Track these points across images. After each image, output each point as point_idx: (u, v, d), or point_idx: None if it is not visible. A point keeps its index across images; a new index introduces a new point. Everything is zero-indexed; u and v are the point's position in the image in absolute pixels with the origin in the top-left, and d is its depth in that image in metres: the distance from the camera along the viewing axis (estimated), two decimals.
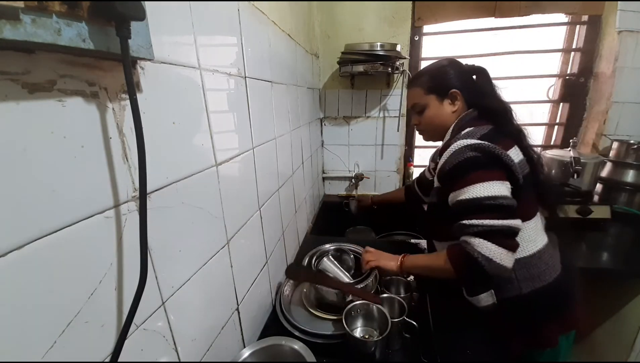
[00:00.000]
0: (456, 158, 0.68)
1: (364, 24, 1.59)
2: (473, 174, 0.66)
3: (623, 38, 1.41)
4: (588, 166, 1.33)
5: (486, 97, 0.79)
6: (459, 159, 0.68)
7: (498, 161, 0.67)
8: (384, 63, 1.40)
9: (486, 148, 0.66)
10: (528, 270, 0.71)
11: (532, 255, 0.71)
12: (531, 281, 0.71)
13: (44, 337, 0.28)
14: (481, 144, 0.67)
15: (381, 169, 1.83)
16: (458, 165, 0.68)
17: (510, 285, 0.71)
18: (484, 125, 0.74)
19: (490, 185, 0.65)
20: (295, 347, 0.64)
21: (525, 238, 0.71)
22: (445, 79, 0.83)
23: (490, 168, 0.67)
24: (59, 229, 0.29)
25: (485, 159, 0.67)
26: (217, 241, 0.59)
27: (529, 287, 0.71)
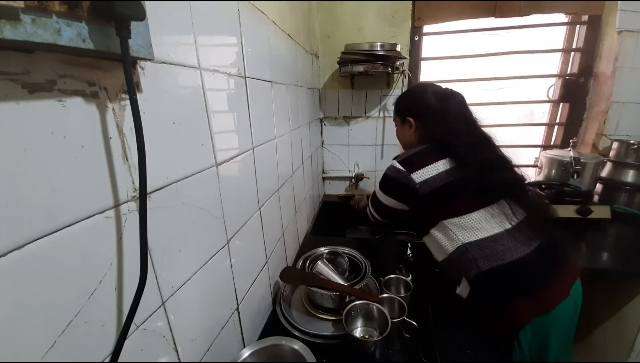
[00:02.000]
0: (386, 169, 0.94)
1: (364, 24, 1.59)
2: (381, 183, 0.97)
3: (623, 38, 1.41)
4: (588, 166, 1.33)
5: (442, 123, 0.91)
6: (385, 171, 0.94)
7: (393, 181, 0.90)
8: (384, 63, 1.40)
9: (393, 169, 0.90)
10: (482, 251, 0.78)
11: (483, 239, 0.79)
12: (487, 260, 0.77)
13: (44, 337, 0.28)
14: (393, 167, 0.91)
15: (381, 169, 1.80)
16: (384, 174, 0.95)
17: (469, 264, 0.79)
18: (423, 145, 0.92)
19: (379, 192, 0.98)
20: (295, 347, 0.64)
21: (468, 226, 0.81)
22: (406, 105, 1.02)
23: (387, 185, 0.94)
24: (59, 229, 0.29)
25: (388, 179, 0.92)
26: (217, 241, 0.59)
27: (486, 265, 0.77)
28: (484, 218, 0.82)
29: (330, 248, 1.04)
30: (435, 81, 1.70)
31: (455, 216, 0.82)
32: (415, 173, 0.86)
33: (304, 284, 0.86)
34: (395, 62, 1.46)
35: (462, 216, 0.82)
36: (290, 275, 0.88)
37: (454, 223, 0.82)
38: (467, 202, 0.84)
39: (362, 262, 0.97)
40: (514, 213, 0.83)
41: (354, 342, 0.71)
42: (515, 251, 0.78)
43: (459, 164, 0.84)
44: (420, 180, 0.85)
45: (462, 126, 0.90)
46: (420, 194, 0.84)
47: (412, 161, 0.88)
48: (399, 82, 1.65)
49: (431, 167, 0.85)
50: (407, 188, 0.86)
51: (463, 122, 0.91)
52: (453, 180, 0.83)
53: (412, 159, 0.88)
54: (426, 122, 0.96)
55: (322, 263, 0.91)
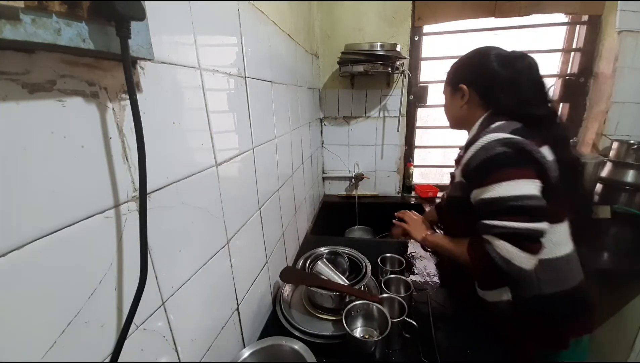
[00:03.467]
0: (485, 153, 0.65)
1: (364, 24, 1.59)
2: (501, 172, 0.63)
3: (623, 38, 1.41)
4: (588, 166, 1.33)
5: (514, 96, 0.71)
6: (487, 155, 0.64)
7: (529, 157, 0.63)
8: (384, 63, 1.40)
9: (518, 142, 0.63)
10: (551, 273, 0.69)
11: (559, 258, 0.69)
12: (553, 284, 0.69)
13: (44, 337, 0.28)
14: (512, 139, 0.63)
15: (381, 169, 1.83)
16: (486, 161, 0.65)
17: (530, 284, 0.69)
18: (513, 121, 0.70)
19: (517, 184, 0.62)
20: (295, 347, 0.64)
21: (553, 240, 0.68)
22: (459, 72, 0.82)
23: (520, 166, 0.63)
24: (59, 229, 0.29)
25: (515, 155, 0.63)
26: (217, 241, 0.59)
27: (549, 289, 0.69)
28: (566, 231, 0.71)
29: (330, 248, 1.04)
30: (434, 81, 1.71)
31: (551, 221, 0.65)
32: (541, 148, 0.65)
33: (304, 284, 0.86)
34: (395, 62, 1.46)
35: (555, 225, 0.68)
36: (290, 275, 0.87)
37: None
38: (560, 208, 0.70)
39: (362, 262, 0.97)
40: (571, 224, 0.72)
41: (354, 342, 0.71)
42: (578, 274, 0.71)
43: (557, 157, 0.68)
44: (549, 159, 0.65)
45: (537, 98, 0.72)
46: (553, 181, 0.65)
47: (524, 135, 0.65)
48: (399, 82, 1.65)
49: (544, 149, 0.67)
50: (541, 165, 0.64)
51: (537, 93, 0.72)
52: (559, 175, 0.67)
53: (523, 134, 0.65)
54: (487, 92, 0.76)
55: (322, 263, 0.91)
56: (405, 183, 1.86)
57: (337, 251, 1.03)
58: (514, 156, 0.63)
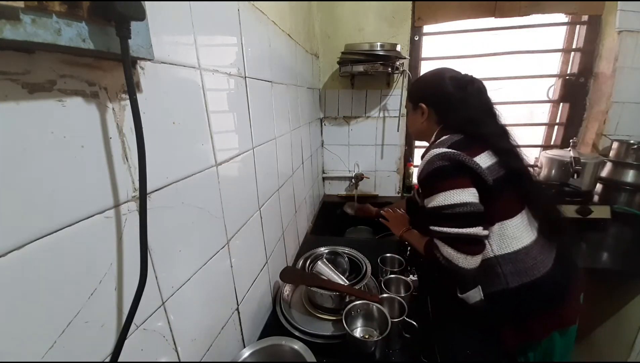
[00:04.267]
0: (427, 166, 0.74)
1: (364, 24, 1.59)
2: (439, 183, 0.73)
3: (623, 38, 1.41)
4: (588, 166, 1.33)
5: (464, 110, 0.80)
6: (429, 169, 0.73)
7: (463, 167, 0.71)
8: (384, 63, 1.40)
9: (451, 155, 0.71)
10: (514, 265, 0.73)
11: (518, 251, 0.73)
12: (518, 276, 0.72)
13: (44, 337, 0.28)
14: (447, 153, 0.72)
15: (381, 169, 1.83)
16: (428, 174, 0.74)
17: (497, 279, 0.73)
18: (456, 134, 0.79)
19: (452, 194, 0.70)
20: (295, 347, 0.64)
21: (508, 235, 0.73)
22: (420, 91, 0.91)
23: (455, 176, 0.72)
24: (59, 229, 0.29)
25: (450, 167, 0.72)
26: (217, 241, 0.59)
27: (515, 282, 0.72)
28: (522, 224, 0.75)
29: (330, 248, 1.04)
30: None
31: (501, 219, 0.73)
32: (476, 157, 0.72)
33: (304, 284, 0.86)
34: (395, 62, 1.46)
35: (505, 221, 0.73)
36: (290, 275, 0.88)
37: (495, 228, 0.73)
38: (512, 204, 0.75)
39: (362, 262, 0.97)
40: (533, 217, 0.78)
41: (354, 342, 0.71)
42: (542, 265, 0.74)
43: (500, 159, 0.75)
44: (484, 166, 0.72)
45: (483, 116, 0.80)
46: (489, 184, 0.71)
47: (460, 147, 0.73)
48: (399, 82, 1.65)
49: (483, 156, 0.74)
50: (475, 172, 0.71)
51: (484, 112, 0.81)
52: (502, 175, 0.74)
53: (459, 146, 0.74)
54: (441, 110, 0.85)
55: (322, 263, 0.91)
56: (405, 183, 1.86)
57: (337, 251, 1.03)
58: (449, 168, 0.72)
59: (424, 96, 0.89)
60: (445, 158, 0.72)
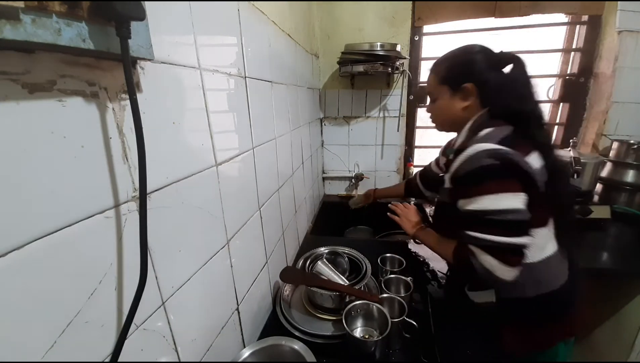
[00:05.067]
0: (472, 163, 0.65)
1: (364, 24, 1.59)
2: (486, 184, 0.63)
3: (623, 38, 1.41)
4: (588, 166, 1.33)
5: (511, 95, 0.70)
6: (474, 166, 0.64)
7: (515, 169, 0.63)
8: (384, 63, 1.40)
9: (504, 154, 0.62)
10: (534, 276, 0.69)
11: (540, 261, 0.69)
12: (536, 287, 0.70)
13: (44, 337, 0.28)
14: (499, 151, 0.63)
15: (381, 169, 1.83)
16: (472, 172, 0.65)
17: (514, 287, 0.68)
18: (504, 125, 0.69)
19: (501, 198, 0.62)
20: (295, 347, 0.64)
21: (535, 245, 0.68)
22: (462, 70, 0.77)
23: (505, 178, 0.63)
24: (59, 229, 0.29)
25: (501, 167, 0.62)
26: (217, 241, 0.59)
27: (533, 292, 0.70)
28: (548, 234, 0.71)
29: (330, 248, 1.04)
30: None
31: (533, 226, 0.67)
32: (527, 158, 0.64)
33: (304, 284, 0.86)
34: (395, 62, 1.46)
35: (537, 229, 0.68)
36: (290, 275, 0.87)
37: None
38: (545, 212, 0.70)
39: (362, 262, 0.97)
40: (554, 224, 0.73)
41: (354, 342, 0.71)
42: (561, 276, 0.72)
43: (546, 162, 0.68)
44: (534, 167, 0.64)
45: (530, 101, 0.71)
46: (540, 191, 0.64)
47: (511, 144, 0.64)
48: (399, 82, 1.65)
49: (533, 157, 0.66)
50: (528, 176, 0.63)
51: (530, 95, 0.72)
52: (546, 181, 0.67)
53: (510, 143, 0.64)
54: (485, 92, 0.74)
55: (322, 263, 0.91)
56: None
57: (337, 251, 1.03)
58: (500, 168, 0.62)
59: (468, 74, 0.75)
60: (496, 155, 0.62)
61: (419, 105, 1.77)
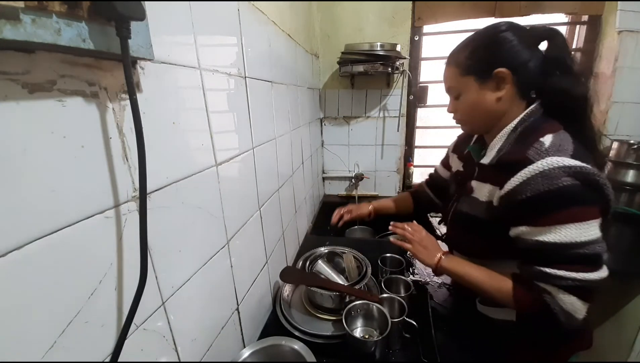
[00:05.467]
0: (546, 183, 0.52)
1: (364, 24, 1.59)
2: (568, 211, 0.52)
3: (623, 38, 1.41)
4: None
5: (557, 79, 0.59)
6: (550, 187, 0.52)
7: (600, 193, 0.53)
8: (384, 63, 1.41)
9: (588, 174, 0.51)
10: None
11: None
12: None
13: (44, 337, 0.28)
14: (582, 169, 0.51)
15: (381, 169, 1.83)
16: (549, 195, 0.52)
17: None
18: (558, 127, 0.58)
19: (587, 227, 0.52)
20: (295, 347, 0.64)
21: None
22: (489, 53, 0.62)
23: (590, 204, 0.53)
24: (59, 229, 0.29)
25: (585, 190, 0.52)
26: (217, 241, 0.59)
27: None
28: None
29: (330, 248, 1.04)
30: (434, 81, 1.71)
31: None
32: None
33: (304, 284, 0.86)
34: (395, 62, 1.46)
35: None
36: (290, 274, 0.87)
37: None
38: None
39: (362, 262, 0.97)
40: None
41: (354, 342, 0.71)
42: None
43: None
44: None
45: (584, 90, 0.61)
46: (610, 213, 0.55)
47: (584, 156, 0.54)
48: (399, 82, 1.65)
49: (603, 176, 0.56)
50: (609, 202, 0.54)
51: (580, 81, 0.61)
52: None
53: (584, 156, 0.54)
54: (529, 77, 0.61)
55: (322, 262, 0.91)
56: (405, 183, 1.86)
57: (337, 251, 1.03)
58: (585, 191, 0.52)
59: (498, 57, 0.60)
60: (578, 174, 0.51)
61: (419, 105, 1.77)
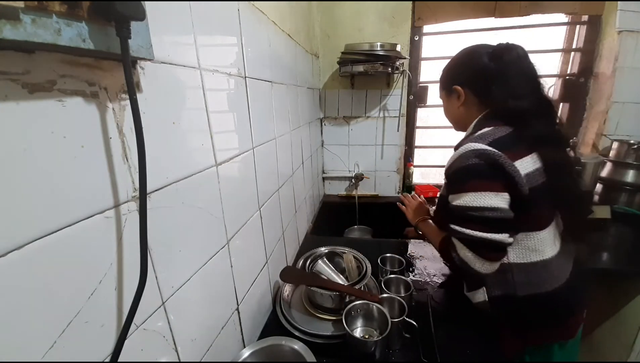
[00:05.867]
0: (459, 162, 0.68)
1: (364, 24, 1.59)
2: (469, 182, 0.67)
3: (623, 38, 1.41)
4: (588, 166, 1.33)
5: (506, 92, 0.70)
6: (462, 164, 0.67)
7: (500, 171, 0.65)
8: (384, 63, 1.40)
9: (490, 155, 0.64)
10: (527, 276, 0.70)
11: (535, 263, 0.70)
12: (528, 287, 0.70)
13: (44, 337, 0.28)
14: (485, 151, 0.65)
15: (381, 169, 1.83)
16: (459, 170, 0.68)
17: (505, 285, 0.71)
18: (502, 126, 0.70)
19: (482, 196, 0.65)
20: (295, 347, 0.64)
21: (530, 247, 0.70)
22: (451, 73, 0.83)
23: (489, 178, 0.66)
24: (59, 229, 0.29)
25: (486, 168, 0.65)
26: (217, 241, 0.59)
27: (524, 291, 0.70)
28: (548, 237, 0.70)
29: (330, 248, 1.04)
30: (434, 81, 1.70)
31: (527, 230, 0.69)
32: (517, 161, 0.65)
33: (304, 284, 0.86)
34: (395, 62, 1.46)
35: (531, 233, 0.69)
36: (290, 274, 0.87)
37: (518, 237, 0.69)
38: (543, 216, 0.71)
39: (362, 262, 0.97)
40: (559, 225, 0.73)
41: (354, 342, 0.71)
42: (556, 279, 0.71)
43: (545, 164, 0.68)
44: (524, 172, 0.65)
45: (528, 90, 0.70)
46: (524, 194, 0.65)
47: (503, 146, 0.65)
48: (399, 82, 1.65)
49: (526, 160, 0.67)
50: (512, 178, 0.64)
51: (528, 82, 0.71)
52: (541, 184, 0.67)
53: (502, 144, 0.66)
54: (478, 90, 0.76)
55: (322, 262, 0.91)
56: (405, 183, 1.86)
57: (337, 251, 1.03)
58: (485, 168, 0.65)
59: (456, 76, 0.80)
60: (482, 156, 0.65)
61: (419, 105, 1.77)
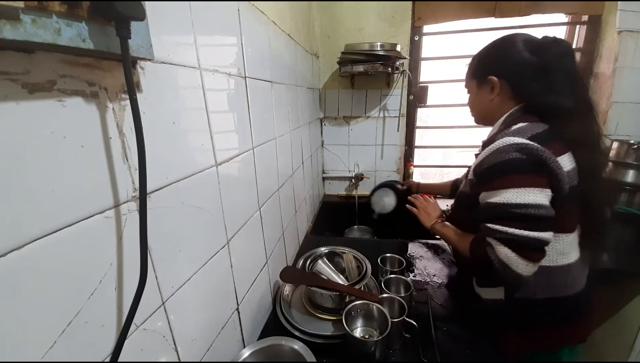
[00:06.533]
0: (498, 156, 0.64)
1: (364, 24, 1.59)
2: (510, 177, 0.62)
3: (623, 38, 1.41)
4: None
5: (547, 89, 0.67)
6: (501, 159, 0.63)
7: (543, 166, 0.61)
8: (384, 63, 1.40)
9: (533, 149, 0.61)
10: (549, 279, 0.68)
11: (560, 267, 0.68)
12: (548, 290, 0.69)
13: (44, 336, 0.28)
14: (528, 145, 0.61)
15: (381, 169, 1.83)
16: (499, 165, 0.64)
17: (525, 287, 0.69)
18: (539, 122, 0.67)
19: (525, 192, 0.61)
20: (295, 347, 0.64)
21: (558, 249, 0.68)
22: (487, 62, 0.76)
23: (532, 173, 0.62)
24: (59, 229, 0.29)
25: (528, 162, 0.61)
26: (217, 241, 0.59)
27: (543, 294, 0.69)
28: (575, 240, 0.69)
29: (330, 248, 1.04)
30: (434, 81, 1.71)
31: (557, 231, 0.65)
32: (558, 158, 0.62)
33: (304, 284, 0.86)
34: (395, 62, 1.46)
35: (561, 235, 0.67)
36: (290, 274, 0.87)
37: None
38: (573, 218, 0.69)
39: (362, 262, 0.97)
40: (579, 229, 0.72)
41: (354, 342, 0.71)
42: (577, 284, 0.70)
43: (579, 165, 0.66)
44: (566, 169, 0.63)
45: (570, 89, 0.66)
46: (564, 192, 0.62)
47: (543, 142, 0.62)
48: (399, 82, 1.65)
49: (565, 158, 0.65)
50: (556, 176, 0.61)
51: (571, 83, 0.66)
52: (576, 186, 0.66)
53: (542, 140, 0.63)
54: (516, 82, 0.71)
55: (322, 262, 0.91)
56: None
57: (337, 251, 1.03)
58: (527, 163, 0.61)
59: (491, 66, 0.74)
60: (524, 150, 0.61)
61: (419, 105, 1.77)
